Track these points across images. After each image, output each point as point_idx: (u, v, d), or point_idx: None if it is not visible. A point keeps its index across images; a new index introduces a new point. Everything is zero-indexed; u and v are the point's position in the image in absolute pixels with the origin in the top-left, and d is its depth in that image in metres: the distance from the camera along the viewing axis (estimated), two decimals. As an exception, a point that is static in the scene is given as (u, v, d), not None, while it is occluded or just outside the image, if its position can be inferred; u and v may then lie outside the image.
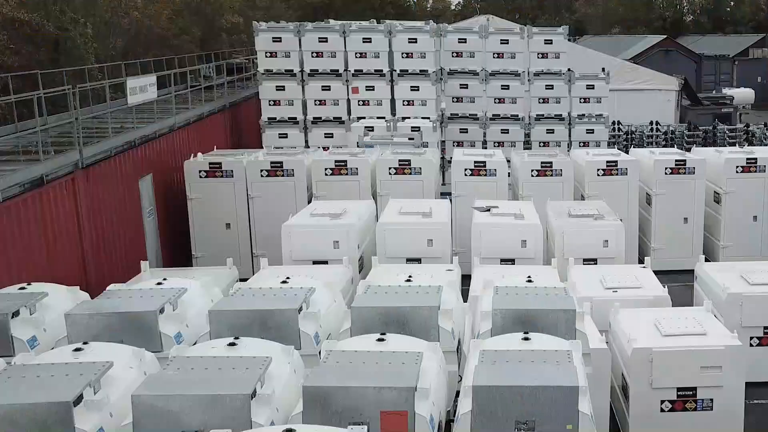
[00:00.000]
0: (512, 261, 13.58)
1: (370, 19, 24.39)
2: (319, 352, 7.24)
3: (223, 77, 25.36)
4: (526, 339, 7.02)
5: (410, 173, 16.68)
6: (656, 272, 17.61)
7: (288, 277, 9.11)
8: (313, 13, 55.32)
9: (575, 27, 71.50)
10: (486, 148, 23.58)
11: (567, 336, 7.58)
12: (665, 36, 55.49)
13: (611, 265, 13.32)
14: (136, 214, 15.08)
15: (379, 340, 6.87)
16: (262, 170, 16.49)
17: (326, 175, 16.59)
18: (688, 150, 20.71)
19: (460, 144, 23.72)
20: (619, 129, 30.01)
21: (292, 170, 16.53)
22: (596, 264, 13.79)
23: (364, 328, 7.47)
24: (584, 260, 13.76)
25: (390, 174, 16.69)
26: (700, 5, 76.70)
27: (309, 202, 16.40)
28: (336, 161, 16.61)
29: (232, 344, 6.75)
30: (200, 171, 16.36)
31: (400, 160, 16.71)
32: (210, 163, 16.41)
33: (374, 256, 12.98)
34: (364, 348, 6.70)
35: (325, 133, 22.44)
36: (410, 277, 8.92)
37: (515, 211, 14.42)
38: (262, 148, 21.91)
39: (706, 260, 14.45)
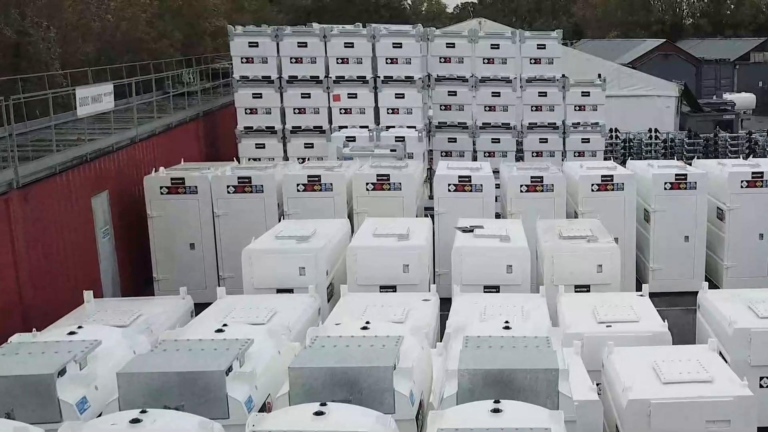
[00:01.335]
0: (497, 288, 12.39)
1: (355, 23, 23.15)
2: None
3: (204, 83, 24.16)
4: (497, 411, 5.79)
5: (389, 189, 15.47)
6: (655, 294, 16.45)
7: (225, 324, 7.89)
8: (306, 17, 54.21)
9: (573, 30, 70.45)
10: (476, 158, 22.39)
11: (548, 400, 6.35)
12: (664, 40, 54.38)
13: (605, 294, 12.10)
14: (89, 236, 13.85)
15: (318, 413, 5.64)
16: (228, 186, 15.28)
17: (298, 191, 15.36)
18: (689, 160, 19.54)
19: (448, 154, 22.50)
20: (616, 137, 28.79)
21: (261, 186, 15.31)
22: (589, 291, 12.61)
23: (305, 392, 6.25)
24: (576, 287, 12.58)
25: (367, 190, 15.47)
26: (699, 8, 75.57)
27: (280, 220, 15.21)
28: (309, 176, 15.39)
29: (135, 420, 5.51)
30: (161, 187, 15.13)
31: (378, 175, 15.49)
32: (172, 179, 15.18)
33: (343, 284, 11.74)
34: (297, 426, 5.47)
35: (305, 143, 21.23)
36: (367, 323, 7.69)
37: (501, 232, 13.21)
38: (239, 159, 20.82)
39: (710, 286, 13.27)
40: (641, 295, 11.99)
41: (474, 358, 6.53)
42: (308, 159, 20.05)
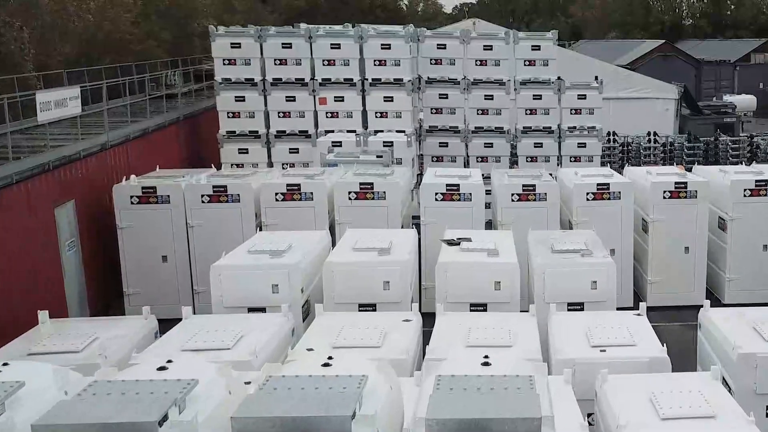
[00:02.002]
0: (484, 306, 11.58)
1: (344, 24, 22.36)
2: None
3: (191, 85, 23.36)
4: (468, 471, 5.00)
5: (373, 198, 14.68)
6: (654, 308, 15.70)
7: (169, 360, 7.10)
8: (299, 18, 53.40)
9: (571, 31, 69.75)
10: (468, 163, 21.70)
11: (530, 452, 5.54)
12: (664, 41, 53.66)
13: (600, 313, 11.25)
14: (52, 249, 13.03)
15: (259, 475, 4.85)
16: (203, 195, 14.50)
17: (277, 200, 14.56)
18: (689, 166, 18.79)
19: (439, 159, 21.77)
20: (614, 141, 28.01)
21: (238, 195, 14.54)
22: (582, 309, 11.80)
23: (252, 444, 5.45)
24: (569, 305, 11.77)
25: (350, 199, 14.68)
26: (699, 8, 74.78)
27: (259, 230, 14.43)
28: (288, 185, 14.59)
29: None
30: (132, 196, 14.34)
31: (361, 184, 14.70)
32: (143, 188, 14.38)
33: (318, 303, 10.93)
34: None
35: (290, 149, 20.48)
36: (330, 358, 6.88)
37: (489, 245, 12.39)
38: (221, 165, 20.08)
39: (712, 299, 12.49)
40: (638, 314, 11.15)
41: (445, 404, 5.73)
42: (289, 165, 19.35)
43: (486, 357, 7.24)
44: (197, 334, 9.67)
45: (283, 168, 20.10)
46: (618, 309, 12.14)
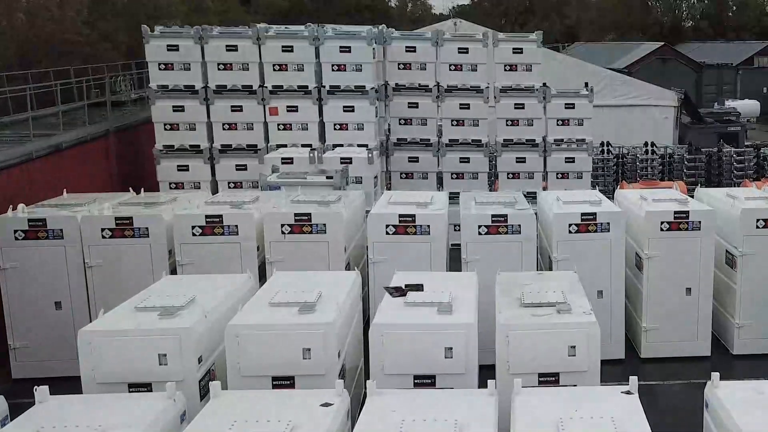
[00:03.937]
0: (432, 379, 9.13)
1: (306, 24, 19.94)
2: None
3: (128, 93, 20.92)
4: None
5: (311, 232, 12.22)
6: (650, 361, 13.43)
7: None
8: (283, 20, 51.10)
9: (567, 33, 67.55)
10: (441, 180, 19.35)
11: None
12: (663, 43, 51.40)
13: (578, 390, 8.73)
14: None
15: None
16: (103, 229, 12.01)
17: (194, 235, 12.09)
18: (691, 182, 16.34)
19: (409, 176, 19.40)
20: (608, 152, 25.56)
21: (146, 229, 12.06)
22: (557, 381, 9.32)
23: None
24: (540, 376, 9.29)
25: (283, 233, 12.22)
26: (700, 10, 72.65)
27: (173, 272, 11.99)
28: (207, 217, 12.11)
29: None
30: (16, 231, 11.88)
31: (296, 215, 12.23)
32: (30, 220, 11.91)
33: (214, 381, 8.42)
34: None
35: (236, 165, 18.13)
36: None
37: (443, 296, 9.90)
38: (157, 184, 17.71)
39: (719, 348, 10.02)
40: (628, 392, 8.63)
41: None
42: (235, 184, 16.98)
43: None
44: (41, 431, 7.22)
45: (229, 187, 17.83)
46: (605, 361, 9.69)
